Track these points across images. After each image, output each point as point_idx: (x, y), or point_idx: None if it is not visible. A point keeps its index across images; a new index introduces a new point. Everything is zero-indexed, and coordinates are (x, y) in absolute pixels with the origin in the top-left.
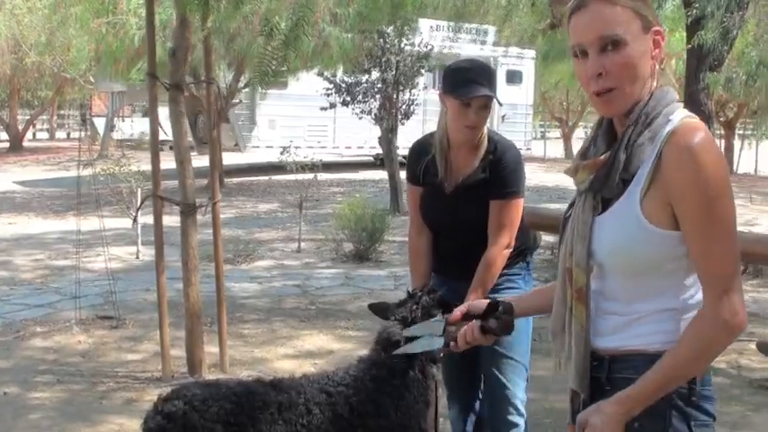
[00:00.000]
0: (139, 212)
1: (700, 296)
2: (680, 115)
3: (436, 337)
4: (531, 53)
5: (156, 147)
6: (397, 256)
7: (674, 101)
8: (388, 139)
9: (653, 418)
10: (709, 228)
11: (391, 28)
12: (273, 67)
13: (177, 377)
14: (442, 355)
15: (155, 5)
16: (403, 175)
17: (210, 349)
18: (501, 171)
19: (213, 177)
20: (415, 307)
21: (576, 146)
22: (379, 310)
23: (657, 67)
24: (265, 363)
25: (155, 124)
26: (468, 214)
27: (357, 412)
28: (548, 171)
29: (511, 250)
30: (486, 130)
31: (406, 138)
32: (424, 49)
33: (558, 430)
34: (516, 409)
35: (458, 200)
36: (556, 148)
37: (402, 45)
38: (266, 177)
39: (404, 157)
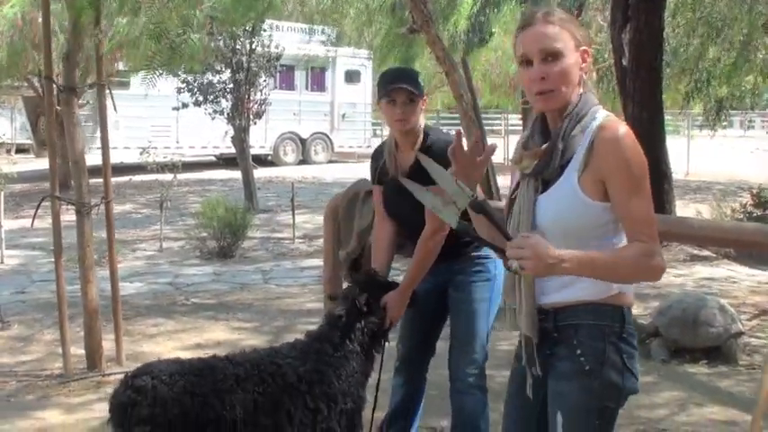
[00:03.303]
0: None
1: None
2: (603, 114)
3: (452, 205)
4: (370, 53)
5: (53, 149)
6: (261, 252)
7: (596, 103)
8: (240, 138)
9: (594, 354)
10: (636, 196)
11: (242, 30)
12: (160, 69)
13: (78, 373)
14: (386, 328)
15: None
16: (260, 172)
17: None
18: (433, 159)
19: (106, 177)
20: (356, 288)
21: None
22: (335, 297)
23: (584, 76)
24: (158, 356)
25: (51, 127)
26: (411, 204)
27: (305, 380)
28: None
29: (445, 233)
30: (422, 127)
31: (254, 137)
32: (275, 51)
33: None
34: (471, 379)
35: (402, 192)
36: None
37: (253, 46)
38: (114, 179)
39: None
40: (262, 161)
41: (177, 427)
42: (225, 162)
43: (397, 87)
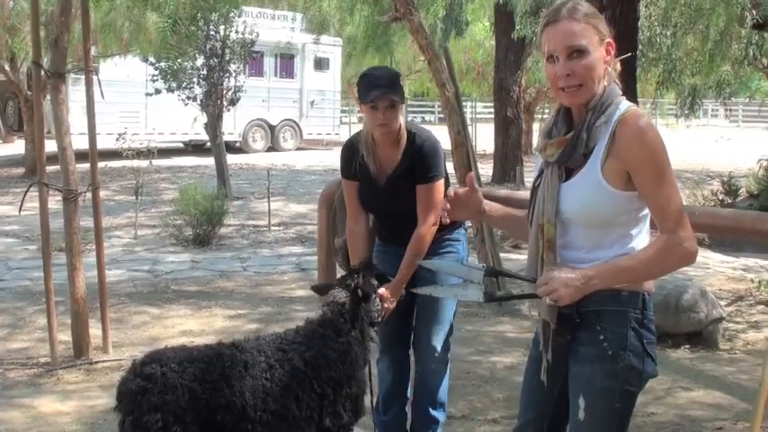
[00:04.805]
0: None
1: (645, 243)
2: (626, 105)
3: (471, 285)
4: (338, 40)
5: (41, 134)
6: (238, 239)
7: (620, 94)
8: (214, 125)
9: (616, 339)
10: (661, 185)
11: (215, 15)
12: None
13: (65, 361)
14: (381, 318)
15: None
16: (229, 159)
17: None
18: (421, 159)
19: (93, 163)
20: (356, 276)
21: None
22: (322, 289)
23: (609, 68)
24: (143, 344)
25: (39, 112)
26: (400, 201)
27: (311, 365)
28: None
29: (437, 227)
30: (404, 126)
31: (223, 124)
32: (249, 37)
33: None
34: (437, 355)
35: (390, 190)
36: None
37: (227, 32)
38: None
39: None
40: (230, 148)
41: (188, 414)
42: (194, 149)
43: (378, 97)
